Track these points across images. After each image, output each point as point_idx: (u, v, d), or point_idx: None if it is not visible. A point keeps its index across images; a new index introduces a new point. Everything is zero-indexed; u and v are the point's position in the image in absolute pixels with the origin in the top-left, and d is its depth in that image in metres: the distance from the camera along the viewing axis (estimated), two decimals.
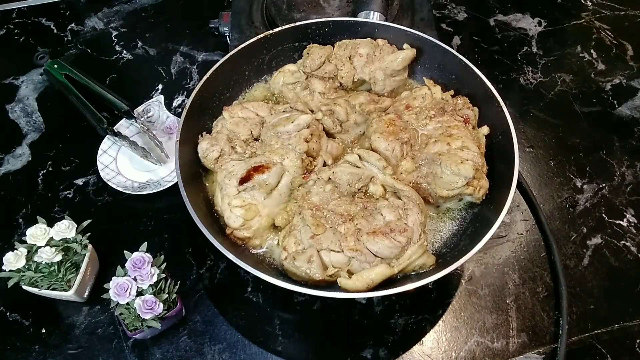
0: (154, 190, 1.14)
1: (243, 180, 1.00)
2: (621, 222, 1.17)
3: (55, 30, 1.52)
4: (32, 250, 0.95)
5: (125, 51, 1.47)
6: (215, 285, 1.07)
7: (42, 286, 0.95)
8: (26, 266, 0.94)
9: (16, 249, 0.95)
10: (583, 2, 1.62)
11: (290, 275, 0.94)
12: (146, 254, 0.93)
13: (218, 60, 1.13)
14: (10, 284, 0.94)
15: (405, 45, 1.19)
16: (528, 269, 1.10)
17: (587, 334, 1.03)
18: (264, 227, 1.01)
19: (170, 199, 1.15)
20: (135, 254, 0.93)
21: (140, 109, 1.28)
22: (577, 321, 1.04)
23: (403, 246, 0.91)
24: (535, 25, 1.56)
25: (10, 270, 0.94)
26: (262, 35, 1.18)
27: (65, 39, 1.50)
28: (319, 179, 1.01)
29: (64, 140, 1.28)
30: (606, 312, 1.05)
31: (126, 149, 1.22)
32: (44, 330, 1.01)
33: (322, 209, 0.97)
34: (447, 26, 1.55)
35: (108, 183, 1.15)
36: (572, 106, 1.38)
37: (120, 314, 0.92)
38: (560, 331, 1.02)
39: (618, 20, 1.58)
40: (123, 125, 1.26)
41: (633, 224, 1.17)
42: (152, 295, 0.90)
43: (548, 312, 1.05)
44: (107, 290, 0.90)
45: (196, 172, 1.09)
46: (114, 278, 0.90)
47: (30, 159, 1.25)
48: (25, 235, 0.95)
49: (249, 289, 1.06)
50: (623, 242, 1.15)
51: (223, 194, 1.02)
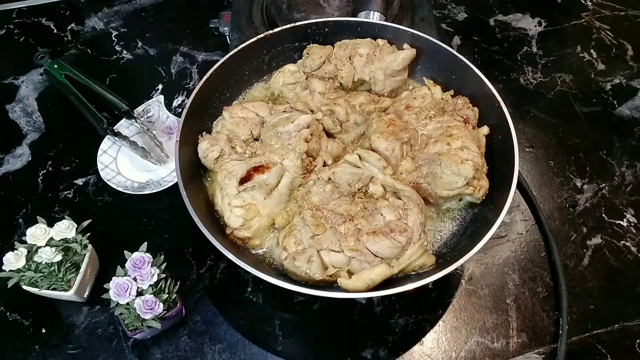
0: (154, 190, 1.14)
1: (243, 180, 1.00)
2: (621, 222, 1.17)
3: (55, 30, 1.52)
4: (32, 250, 0.95)
5: (125, 51, 1.47)
6: (215, 285, 1.07)
7: (42, 286, 0.95)
8: (26, 266, 0.94)
9: (16, 249, 0.95)
10: (583, 2, 1.62)
11: (290, 275, 0.94)
12: (146, 254, 0.93)
13: (218, 60, 1.13)
14: (10, 284, 0.94)
15: (405, 45, 1.19)
16: (528, 269, 1.10)
17: (587, 334, 1.03)
18: (264, 227, 1.01)
19: (170, 199, 1.15)
20: (135, 254, 0.93)
21: (140, 109, 1.28)
22: (577, 321, 1.04)
23: (403, 246, 0.91)
24: (535, 25, 1.56)
25: (10, 270, 0.94)
26: (262, 35, 1.18)
27: (65, 39, 1.50)
28: (319, 179, 1.01)
29: (64, 140, 1.28)
30: (606, 312, 1.05)
31: (126, 149, 1.22)
32: (44, 330, 1.01)
33: (322, 209, 0.97)
34: (447, 26, 1.55)
35: (108, 183, 1.15)
36: (572, 106, 1.38)
37: (120, 314, 0.92)
38: (560, 331, 1.02)
39: (618, 20, 1.57)
40: (123, 125, 1.26)
41: (633, 224, 1.17)
42: (152, 295, 0.90)
43: (548, 312, 1.05)
44: (107, 290, 0.90)
45: (196, 172, 1.09)
46: (114, 278, 0.90)
47: (30, 159, 1.25)
48: (25, 235, 0.95)
49: (249, 289, 1.06)
50: (623, 242, 1.15)
51: (223, 194, 1.02)
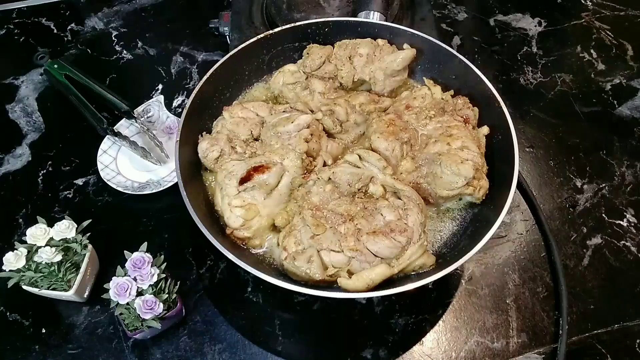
0: (154, 190, 1.14)
1: (243, 180, 1.00)
2: (621, 222, 1.17)
3: (55, 30, 1.52)
4: (32, 250, 0.95)
5: (125, 51, 1.47)
6: (215, 285, 1.07)
7: (42, 286, 0.95)
8: (26, 266, 0.94)
9: (16, 249, 0.95)
10: (583, 2, 1.62)
11: (290, 275, 0.94)
12: (146, 254, 0.93)
13: (218, 60, 1.13)
14: (10, 284, 0.94)
15: (405, 45, 1.19)
16: (528, 269, 1.10)
17: (587, 334, 1.03)
18: (264, 227, 1.01)
19: (170, 199, 1.15)
20: (135, 254, 0.93)
21: (140, 109, 1.28)
22: (577, 321, 1.04)
23: (403, 246, 0.91)
24: (535, 25, 1.56)
25: (10, 270, 0.94)
26: (262, 35, 1.18)
27: (65, 39, 1.50)
28: (319, 179, 1.01)
29: (64, 140, 1.28)
30: (606, 312, 1.05)
31: (126, 149, 1.22)
32: (44, 330, 1.01)
33: (322, 209, 0.97)
34: (447, 26, 1.55)
35: (108, 183, 1.15)
36: (572, 106, 1.38)
37: (120, 314, 0.92)
38: (560, 331, 1.02)
39: (618, 20, 1.57)
40: (123, 125, 1.26)
41: (633, 224, 1.17)
42: (152, 295, 0.90)
43: (548, 312, 1.05)
44: (107, 290, 0.90)
45: (196, 172, 1.09)
46: (114, 278, 0.90)
47: (30, 159, 1.25)
48: (25, 235, 0.95)
49: (249, 289, 1.06)
50: (623, 242, 1.14)
51: (223, 194, 1.02)
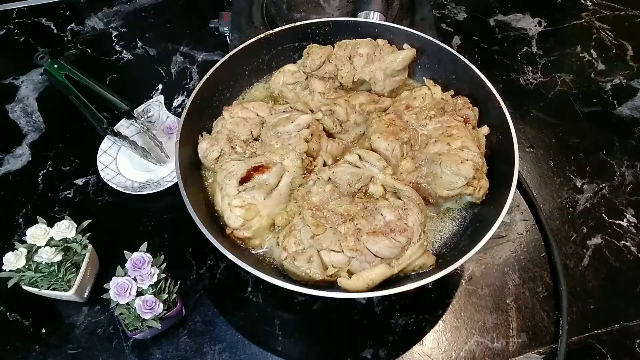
0: (154, 190, 1.14)
1: (243, 180, 1.00)
2: (621, 222, 1.17)
3: (55, 30, 1.52)
4: (32, 250, 0.95)
5: (125, 51, 1.47)
6: (215, 285, 1.07)
7: (42, 286, 0.95)
8: (26, 266, 0.94)
9: (16, 249, 0.95)
10: (583, 2, 1.62)
11: (290, 275, 0.94)
12: (146, 254, 0.93)
13: (218, 60, 1.13)
14: (10, 284, 0.94)
15: (405, 45, 1.19)
16: (528, 269, 1.10)
17: (587, 334, 1.03)
18: (264, 227, 1.01)
19: (170, 199, 1.15)
20: (135, 254, 0.93)
21: (140, 109, 1.28)
22: (577, 321, 1.04)
23: (403, 246, 0.91)
24: (535, 25, 1.56)
25: (10, 270, 0.94)
26: (262, 35, 1.18)
27: (65, 39, 1.50)
28: (319, 179, 1.01)
29: (64, 140, 1.28)
30: (606, 312, 1.05)
31: (126, 149, 1.22)
32: (44, 330, 1.01)
33: (322, 209, 0.97)
34: (447, 26, 1.55)
35: (108, 183, 1.15)
36: (572, 106, 1.38)
37: (120, 314, 0.92)
38: (560, 331, 1.02)
39: (618, 20, 1.57)
40: (123, 125, 1.26)
41: (633, 224, 1.17)
42: (152, 295, 0.90)
43: (548, 312, 1.05)
44: (107, 290, 0.90)
45: (196, 172, 1.09)
46: (114, 278, 0.90)
47: (30, 159, 1.25)
48: (25, 235, 0.95)
49: (249, 289, 1.06)
50: (623, 242, 1.14)
51: (223, 194, 1.02)
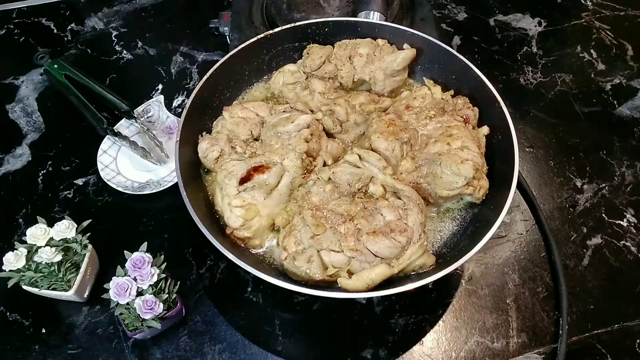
0: (154, 190, 1.14)
1: (243, 180, 1.00)
2: (621, 222, 1.17)
3: (55, 30, 1.52)
4: (32, 250, 0.95)
5: (125, 51, 1.47)
6: (215, 285, 1.07)
7: (42, 286, 0.95)
8: (26, 266, 0.94)
9: (16, 249, 0.95)
10: (583, 2, 1.62)
11: (290, 275, 0.94)
12: (146, 254, 0.93)
13: (218, 60, 1.13)
14: (10, 284, 0.94)
15: (405, 45, 1.19)
16: (528, 269, 1.10)
17: (587, 334, 1.03)
18: (264, 227, 1.01)
19: (170, 199, 1.15)
20: (135, 254, 0.93)
21: (140, 109, 1.28)
22: (577, 321, 1.04)
23: (403, 246, 0.91)
24: (535, 25, 1.56)
25: (10, 270, 0.94)
26: (262, 35, 1.18)
27: (65, 39, 1.50)
28: (319, 179, 1.01)
29: (64, 140, 1.28)
30: (606, 312, 1.05)
31: (126, 149, 1.22)
32: (44, 330, 1.01)
33: (322, 209, 0.97)
34: (447, 26, 1.55)
35: (108, 183, 1.15)
36: (572, 106, 1.38)
37: (120, 314, 0.92)
38: (560, 331, 1.02)
39: (618, 20, 1.57)
40: (123, 125, 1.26)
41: (633, 224, 1.17)
42: (152, 295, 0.90)
43: (548, 312, 1.05)
44: (107, 290, 0.90)
45: (196, 172, 1.09)
46: (114, 278, 0.90)
47: (30, 159, 1.25)
48: (25, 235, 0.95)
49: (249, 289, 1.06)
50: (623, 242, 1.14)
51: (223, 194, 1.02)
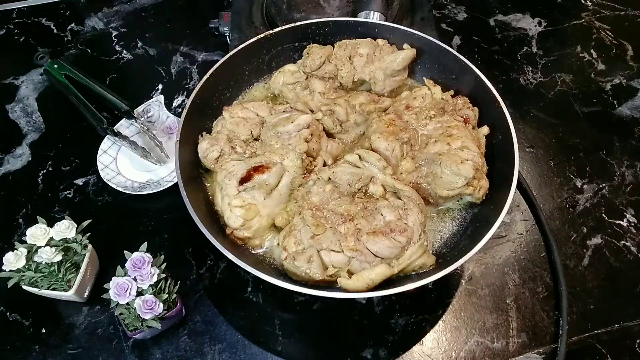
0: (154, 190, 1.14)
1: (243, 180, 1.00)
2: (621, 222, 1.17)
3: (55, 30, 1.52)
4: (32, 250, 0.95)
5: (125, 51, 1.47)
6: (215, 285, 1.07)
7: (42, 286, 0.95)
8: (26, 266, 0.94)
9: (16, 249, 0.95)
10: (583, 2, 1.62)
11: (290, 275, 0.94)
12: (146, 254, 0.93)
13: (218, 60, 1.13)
14: (10, 284, 0.94)
15: (405, 45, 1.19)
16: (528, 269, 1.10)
17: (587, 334, 1.03)
18: (264, 227, 1.01)
19: (170, 199, 1.15)
20: (135, 254, 0.93)
21: (140, 109, 1.28)
22: (577, 321, 1.04)
23: (403, 246, 0.91)
24: (535, 25, 1.56)
25: (10, 270, 0.94)
26: (262, 35, 1.18)
27: (65, 39, 1.50)
28: (319, 179, 1.01)
29: (64, 140, 1.28)
30: (606, 312, 1.05)
31: (126, 149, 1.22)
32: (44, 330, 1.01)
33: (322, 209, 0.97)
34: (447, 26, 1.55)
35: (108, 183, 1.15)
36: (572, 106, 1.38)
37: (120, 314, 0.92)
38: (560, 331, 1.02)
39: (618, 20, 1.57)
40: (123, 125, 1.26)
41: (633, 224, 1.17)
42: (152, 295, 0.90)
43: (548, 312, 1.05)
44: (107, 290, 0.90)
45: (196, 172, 1.09)
46: (114, 278, 0.90)
47: (30, 159, 1.25)
48: (25, 235, 0.95)
49: (249, 289, 1.06)
50: (623, 242, 1.14)
51: (223, 194, 1.02)
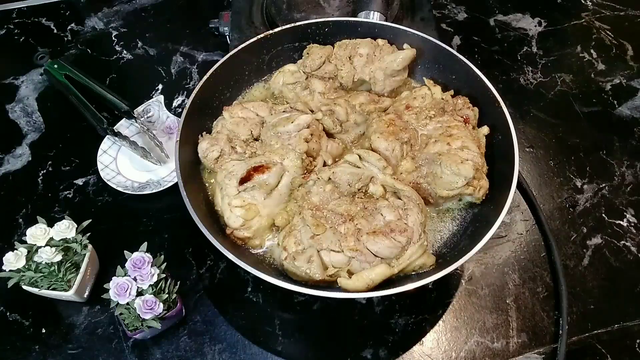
0: (154, 190, 1.14)
1: (243, 180, 1.00)
2: (621, 222, 1.17)
3: (55, 30, 1.52)
4: (32, 250, 0.95)
5: (125, 51, 1.47)
6: (215, 285, 1.07)
7: (42, 286, 0.95)
8: (26, 266, 0.94)
9: (16, 249, 0.95)
10: (583, 2, 1.62)
11: (290, 275, 0.94)
12: (146, 254, 0.93)
13: (218, 60, 1.13)
14: (10, 284, 0.94)
15: (405, 45, 1.19)
16: (528, 269, 1.10)
17: (587, 334, 1.03)
18: (264, 227, 1.01)
19: (170, 199, 1.15)
20: (135, 254, 0.93)
21: (140, 109, 1.28)
22: (577, 321, 1.04)
23: (403, 246, 0.91)
24: (535, 25, 1.56)
25: (10, 270, 0.94)
26: (262, 35, 1.18)
27: (65, 39, 1.50)
28: (319, 179, 1.01)
29: (64, 140, 1.28)
30: (606, 312, 1.05)
31: (126, 149, 1.22)
32: (44, 330, 1.01)
33: (322, 209, 0.97)
34: (447, 26, 1.55)
35: (108, 183, 1.15)
36: (572, 106, 1.38)
37: (120, 314, 0.92)
38: (560, 331, 1.02)
39: (618, 20, 1.57)
40: (123, 125, 1.26)
41: (633, 224, 1.17)
42: (152, 295, 0.90)
43: (548, 312, 1.05)
44: (107, 290, 0.90)
45: (196, 172, 1.09)
46: (114, 278, 0.90)
47: (30, 159, 1.25)
48: (25, 235, 0.95)
49: (249, 289, 1.06)
50: (623, 242, 1.14)
51: (223, 194, 1.02)
